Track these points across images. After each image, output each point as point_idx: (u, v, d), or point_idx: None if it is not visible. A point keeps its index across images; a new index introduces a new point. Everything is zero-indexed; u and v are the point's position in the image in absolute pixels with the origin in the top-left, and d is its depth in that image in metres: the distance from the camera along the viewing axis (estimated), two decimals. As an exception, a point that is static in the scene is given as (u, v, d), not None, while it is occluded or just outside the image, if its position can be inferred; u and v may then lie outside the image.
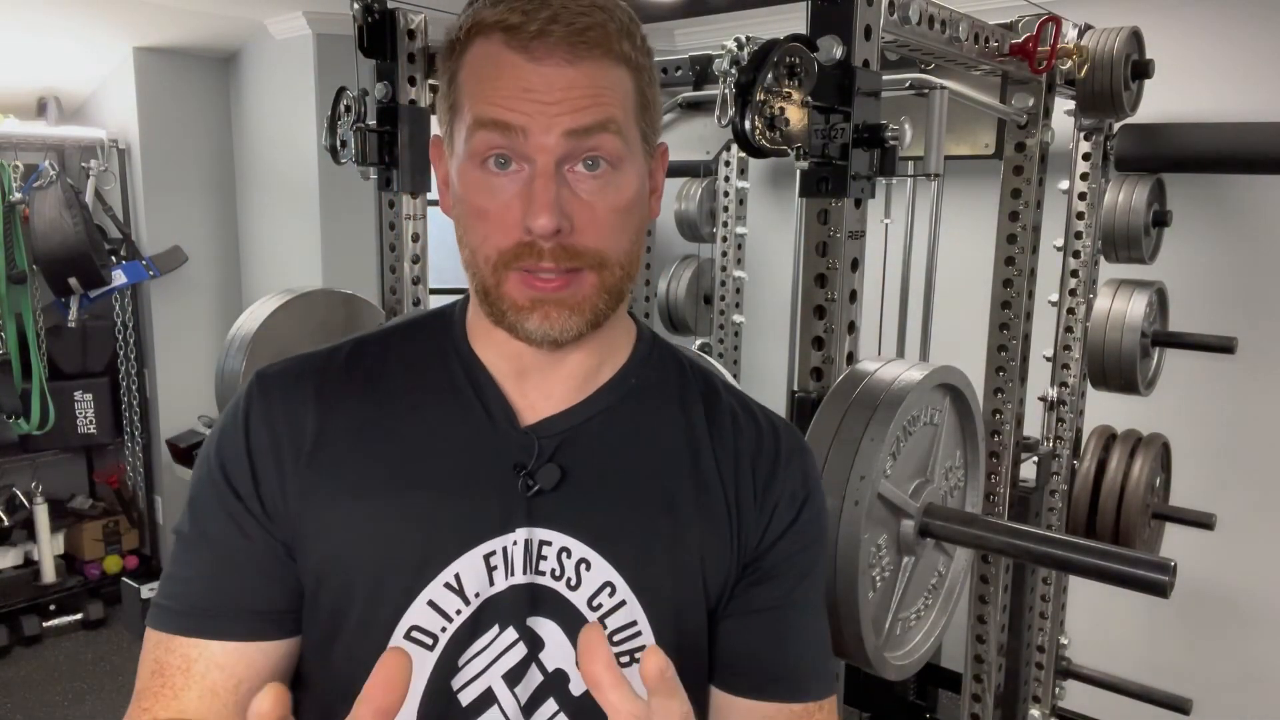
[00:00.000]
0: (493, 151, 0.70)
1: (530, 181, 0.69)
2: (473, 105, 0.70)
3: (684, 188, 3.19)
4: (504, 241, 0.71)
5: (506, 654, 0.73)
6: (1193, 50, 2.58)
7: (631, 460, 0.77)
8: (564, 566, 0.74)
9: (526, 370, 0.78)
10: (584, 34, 0.68)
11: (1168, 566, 1.10)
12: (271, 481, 0.74)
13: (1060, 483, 2.36)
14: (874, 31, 1.27)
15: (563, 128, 0.68)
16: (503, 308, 0.73)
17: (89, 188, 3.81)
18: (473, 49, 0.71)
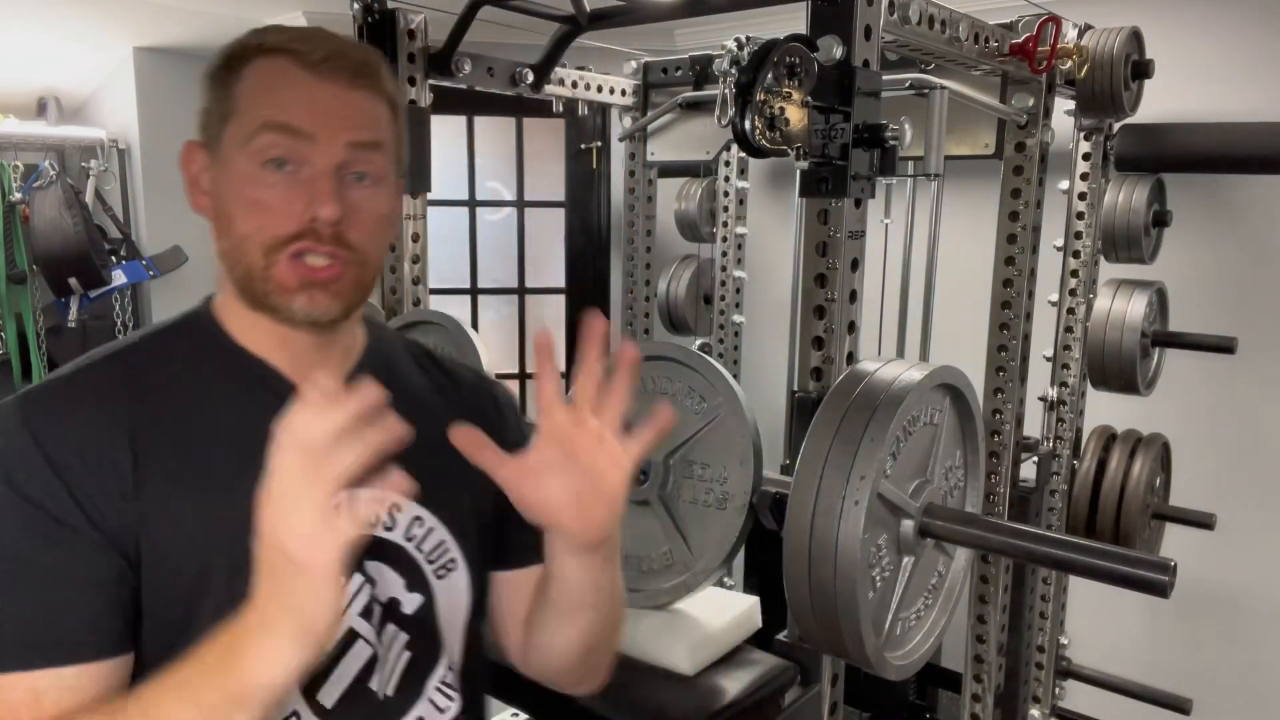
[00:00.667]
0: (275, 152, 0.79)
1: (312, 180, 0.79)
2: (259, 110, 0.80)
3: (684, 188, 3.18)
4: (283, 229, 0.80)
5: (358, 596, 0.83)
6: (1193, 50, 2.58)
7: (403, 416, 0.78)
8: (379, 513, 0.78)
9: (298, 356, 0.86)
10: (363, 67, 0.83)
11: (1168, 566, 1.10)
12: (90, 489, 0.75)
13: (1060, 483, 2.36)
14: (874, 31, 1.27)
15: (346, 139, 0.80)
16: (268, 289, 0.81)
17: (89, 188, 3.81)
18: (256, 66, 0.81)
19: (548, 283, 4.04)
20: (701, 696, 1.38)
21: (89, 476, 0.75)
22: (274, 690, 0.67)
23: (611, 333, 3.90)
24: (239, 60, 0.82)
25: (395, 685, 0.87)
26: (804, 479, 1.18)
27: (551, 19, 2.05)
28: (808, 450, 1.19)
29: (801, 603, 1.20)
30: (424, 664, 0.89)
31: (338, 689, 0.83)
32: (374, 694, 0.85)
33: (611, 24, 2.00)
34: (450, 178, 3.82)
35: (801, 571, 1.18)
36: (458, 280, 3.95)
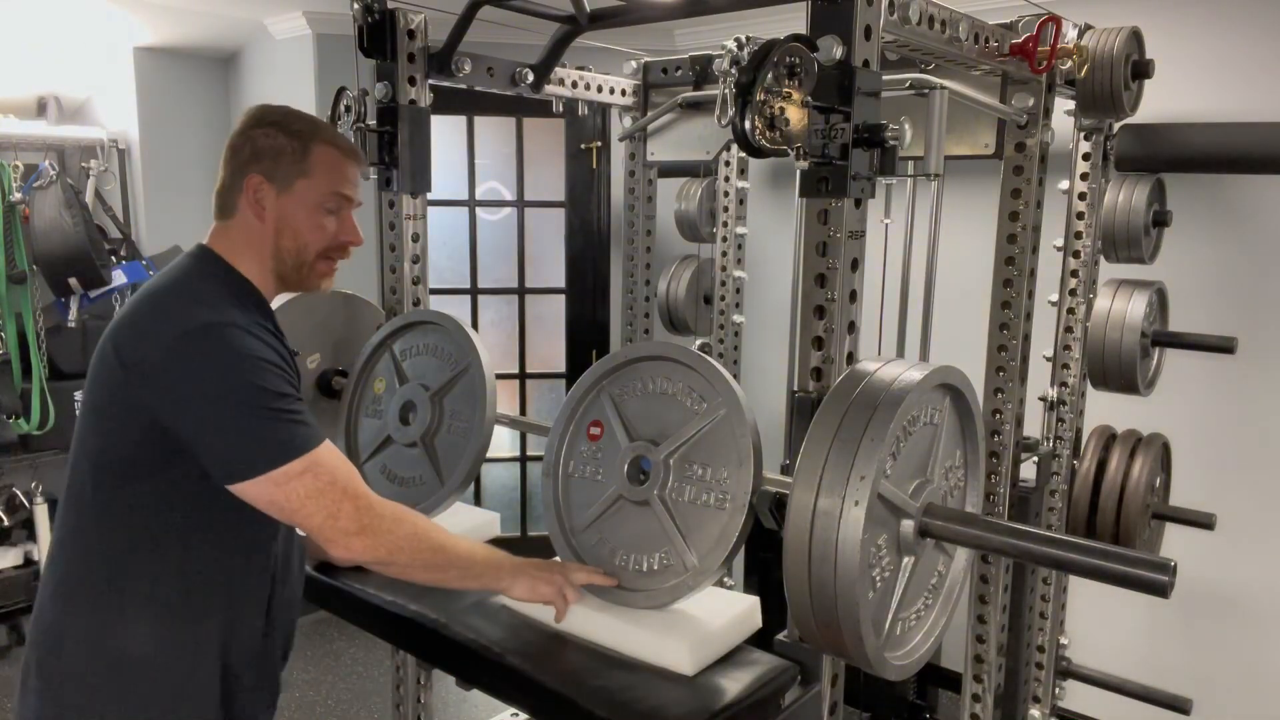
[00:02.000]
0: (334, 206, 1.42)
1: (346, 220, 1.44)
2: (331, 183, 1.40)
3: (684, 188, 3.19)
4: (330, 242, 1.43)
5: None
6: (1193, 50, 2.58)
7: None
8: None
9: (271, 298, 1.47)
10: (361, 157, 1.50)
11: (1168, 566, 1.10)
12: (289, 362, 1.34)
13: (1060, 483, 2.36)
14: (874, 31, 1.27)
15: (358, 200, 1.46)
16: (312, 275, 1.43)
17: (89, 188, 3.81)
18: (325, 150, 1.40)
19: (548, 283, 4.04)
20: (701, 696, 1.38)
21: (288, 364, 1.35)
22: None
23: (611, 332, 3.91)
24: (308, 140, 1.38)
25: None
26: (804, 479, 1.18)
27: (551, 19, 2.05)
28: (808, 450, 1.19)
29: (801, 603, 1.20)
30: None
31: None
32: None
33: (611, 24, 2.00)
34: (450, 178, 3.82)
35: (801, 571, 1.18)
36: (458, 280, 3.95)
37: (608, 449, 1.56)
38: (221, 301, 1.31)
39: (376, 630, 1.70)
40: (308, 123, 1.40)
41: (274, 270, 1.40)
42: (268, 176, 1.37)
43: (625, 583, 1.51)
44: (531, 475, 4.13)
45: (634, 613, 1.48)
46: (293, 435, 1.23)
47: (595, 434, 1.58)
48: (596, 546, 1.54)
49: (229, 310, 1.29)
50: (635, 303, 2.87)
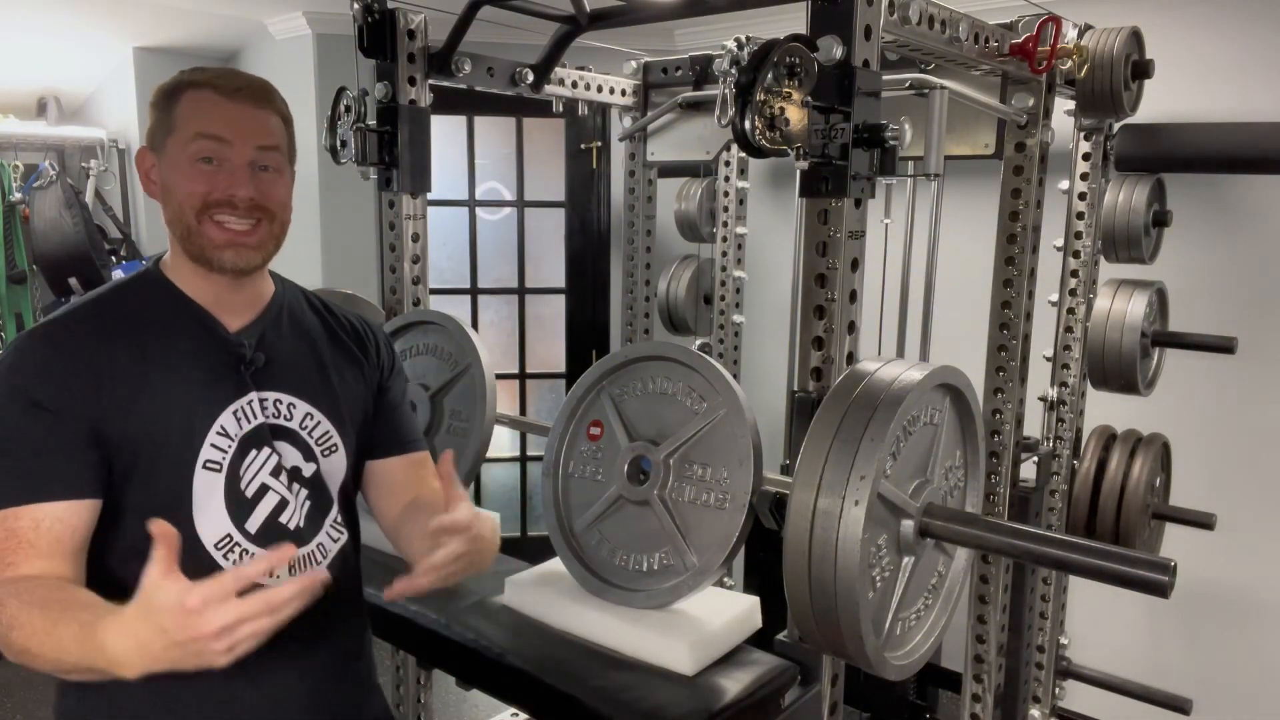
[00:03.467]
0: (205, 153, 1.15)
1: (232, 171, 1.16)
2: (194, 124, 1.16)
3: (684, 188, 3.19)
4: (208, 197, 1.15)
5: (267, 462, 1.21)
6: (1193, 50, 2.58)
7: (302, 346, 1.29)
8: (280, 409, 1.24)
9: (219, 298, 1.22)
10: (264, 94, 1.21)
11: (1168, 566, 1.10)
12: (66, 392, 1.09)
13: (1060, 483, 2.36)
14: (874, 31, 1.27)
15: (254, 143, 1.17)
16: (201, 243, 1.16)
17: (89, 188, 3.81)
18: (190, 95, 1.17)
19: (548, 283, 4.04)
20: (701, 696, 1.38)
21: (70, 384, 1.10)
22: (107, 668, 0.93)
23: (611, 332, 3.91)
24: (175, 91, 1.19)
25: (302, 520, 1.24)
26: (804, 479, 1.18)
27: (551, 19, 2.05)
28: (808, 450, 1.19)
29: (801, 603, 1.20)
30: (320, 509, 1.27)
31: (258, 521, 1.20)
32: (284, 525, 1.22)
33: (611, 24, 2.00)
34: (450, 178, 3.82)
35: (801, 571, 1.18)
36: (458, 280, 3.95)
37: (608, 449, 1.56)
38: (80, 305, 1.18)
39: (376, 630, 1.70)
40: (183, 74, 1.21)
41: (181, 251, 1.20)
42: (151, 147, 1.20)
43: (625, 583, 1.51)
44: (531, 475, 4.13)
45: (634, 613, 1.48)
46: None
47: (595, 434, 1.58)
48: (597, 546, 1.54)
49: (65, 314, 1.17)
50: (635, 303, 2.87)
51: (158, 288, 1.21)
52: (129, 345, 1.15)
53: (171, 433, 1.14)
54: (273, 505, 1.22)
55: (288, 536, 1.22)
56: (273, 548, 0.95)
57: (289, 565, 1.20)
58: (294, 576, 1.11)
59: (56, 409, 1.09)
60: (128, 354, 1.15)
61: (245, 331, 1.23)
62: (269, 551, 0.95)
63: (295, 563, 1.23)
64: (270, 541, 1.17)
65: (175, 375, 1.16)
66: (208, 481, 1.17)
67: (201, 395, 1.17)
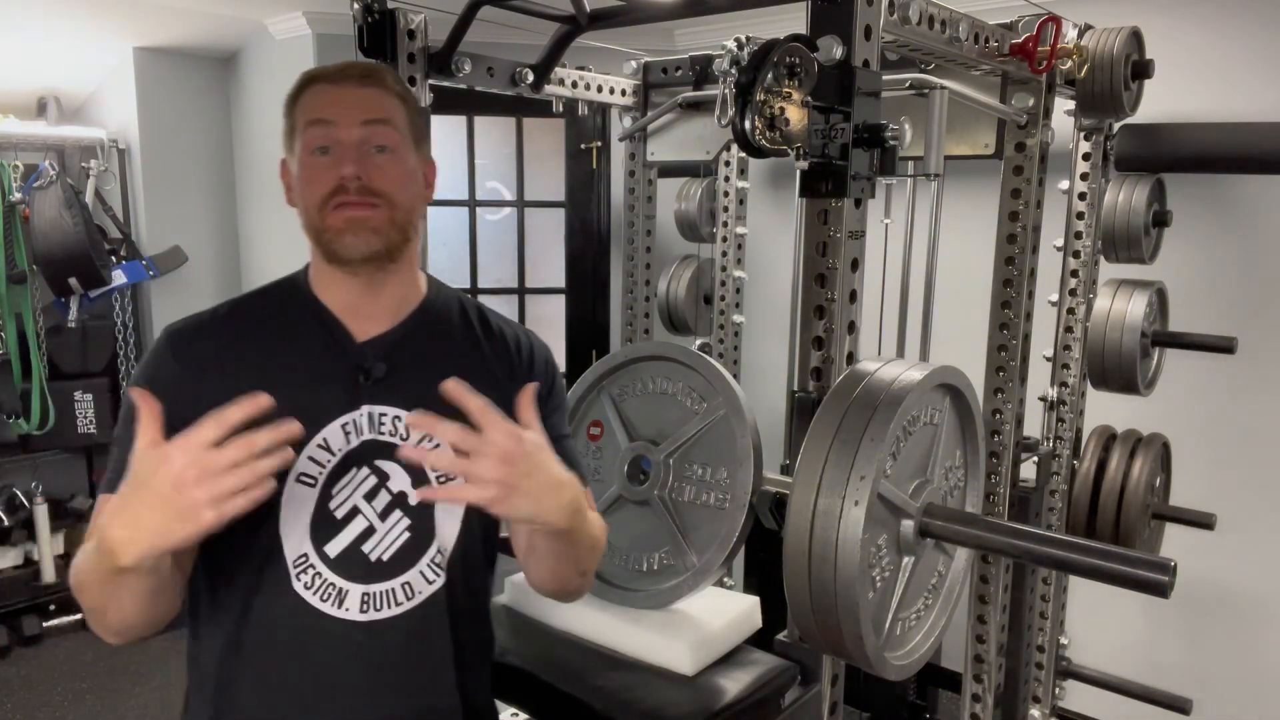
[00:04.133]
0: (317, 142, 1.11)
1: (341, 154, 1.10)
2: (304, 115, 1.13)
3: (684, 188, 3.18)
4: (323, 189, 1.10)
5: (363, 484, 1.13)
6: (1193, 50, 2.58)
7: (437, 356, 1.19)
8: (397, 427, 1.14)
9: (356, 305, 1.17)
10: (369, 72, 1.16)
11: (1168, 566, 1.10)
12: (188, 391, 1.07)
13: (1060, 483, 2.36)
14: (874, 31, 1.27)
15: (359, 119, 1.11)
16: (327, 237, 1.12)
17: (89, 188, 3.81)
18: (304, 93, 1.15)
19: (548, 283, 4.04)
20: (701, 696, 1.38)
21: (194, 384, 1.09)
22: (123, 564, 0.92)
23: (611, 332, 3.91)
24: (295, 95, 1.16)
25: (390, 553, 1.14)
26: (804, 479, 1.18)
27: (551, 19, 2.05)
28: (808, 450, 1.19)
29: (801, 603, 1.20)
30: (418, 544, 1.16)
31: (339, 546, 1.12)
32: (366, 555, 1.13)
33: (611, 24, 2.00)
34: (450, 178, 3.82)
35: (801, 571, 1.18)
36: (458, 280, 3.94)
37: (608, 449, 1.56)
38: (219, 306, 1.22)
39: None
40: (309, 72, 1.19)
41: (319, 255, 1.18)
42: (285, 155, 1.19)
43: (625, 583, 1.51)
44: (531, 475, 4.12)
45: (634, 613, 1.48)
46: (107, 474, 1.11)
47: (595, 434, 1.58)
48: (596, 546, 1.54)
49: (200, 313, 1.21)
50: (635, 303, 2.87)
51: (294, 293, 1.20)
52: (255, 348, 1.15)
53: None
54: (359, 531, 1.13)
55: (369, 568, 1.13)
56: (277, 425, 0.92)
57: (363, 596, 1.12)
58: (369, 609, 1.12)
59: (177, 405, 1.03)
60: (253, 356, 1.14)
61: (375, 341, 1.17)
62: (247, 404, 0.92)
63: (370, 598, 1.13)
64: (350, 569, 1.12)
65: (289, 382, 1.10)
66: (299, 495, 1.11)
67: (309, 404, 1.10)
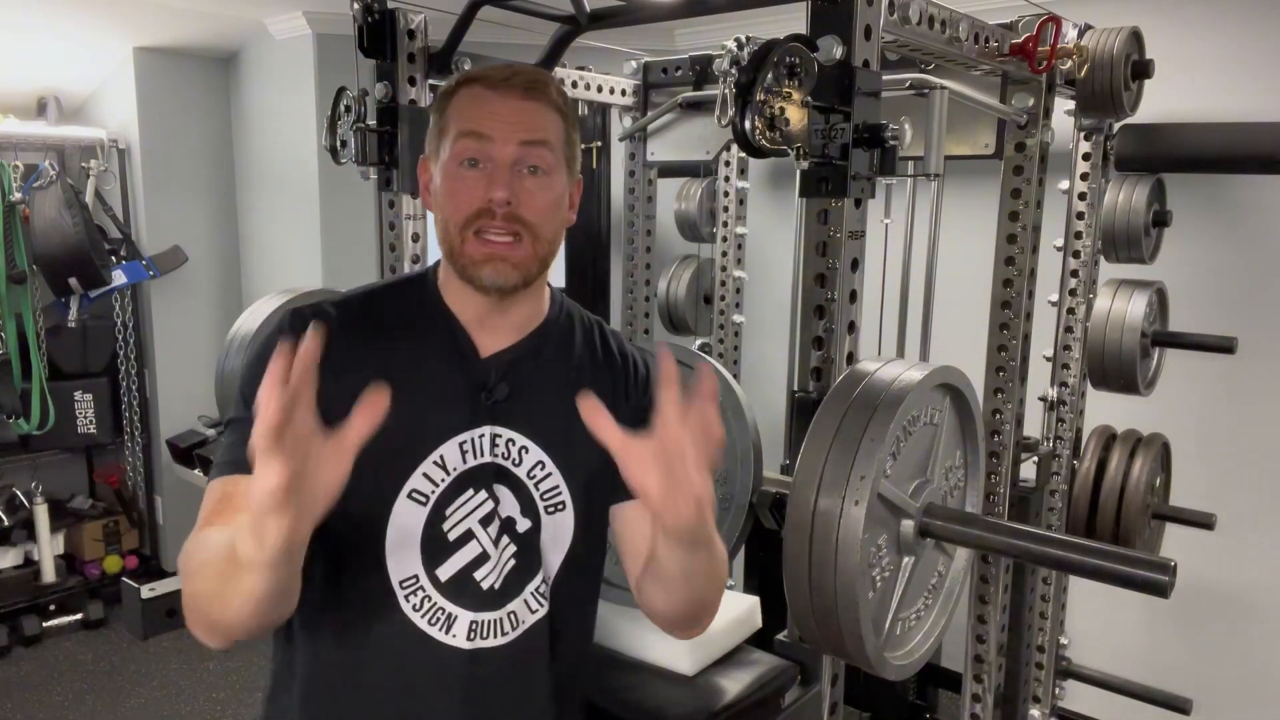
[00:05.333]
0: (469, 154, 1.03)
1: (492, 172, 1.03)
2: (458, 123, 1.05)
3: (684, 188, 3.18)
4: (469, 209, 1.03)
5: (480, 507, 1.08)
6: (1193, 50, 2.58)
7: (555, 379, 1.13)
8: (510, 451, 1.09)
9: (483, 318, 1.10)
10: (534, 84, 1.06)
11: (1168, 566, 1.10)
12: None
13: (1060, 483, 2.36)
14: (874, 31, 1.27)
15: (517, 139, 1.03)
16: (463, 262, 1.05)
17: (89, 188, 3.80)
18: (460, 94, 1.06)
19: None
20: (701, 696, 1.38)
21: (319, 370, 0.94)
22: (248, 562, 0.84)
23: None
24: (450, 92, 1.08)
25: (500, 581, 1.09)
26: (804, 479, 1.18)
27: (551, 19, 2.05)
28: (808, 450, 1.19)
29: (801, 603, 1.20)
30: (524, 572, 1.10)
31: (450, 570, 1.07)
32: (478, 582, 1.08)
33: (611, 24, 2.00)
34: (450, 178, 3.82)
35: (801, 571, 1.18)
36: (458, 280, 3.95)
37: (608, 449, 1.56)
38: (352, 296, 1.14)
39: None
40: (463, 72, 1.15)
41: (447, 263, 1.10)
42: (428, 155, 1.11)
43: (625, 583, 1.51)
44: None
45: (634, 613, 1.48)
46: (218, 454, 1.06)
47: (595, 434, 1.58)
48: (596, 546, 1.54)
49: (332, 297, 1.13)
50: (635, 303, 2.87)
51: (425, 293, 1.13)
52: (380, 348, 1.08)
53: (387, 450, 0.96)
54: (472, 556, 1.08)
55: (480, 595, 1.08)
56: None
57: (470, 624, 1.07)
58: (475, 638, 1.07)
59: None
60: (376, 357, 1.06)
61: (498, 357, 1.11)
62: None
63: (477, 626, 1.08)
64: (460, 595, 1.07)
65: (411, 390, 1.02)
66: (409, 512, 1.05)
67: (429, 417, 1.06)
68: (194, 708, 3.32)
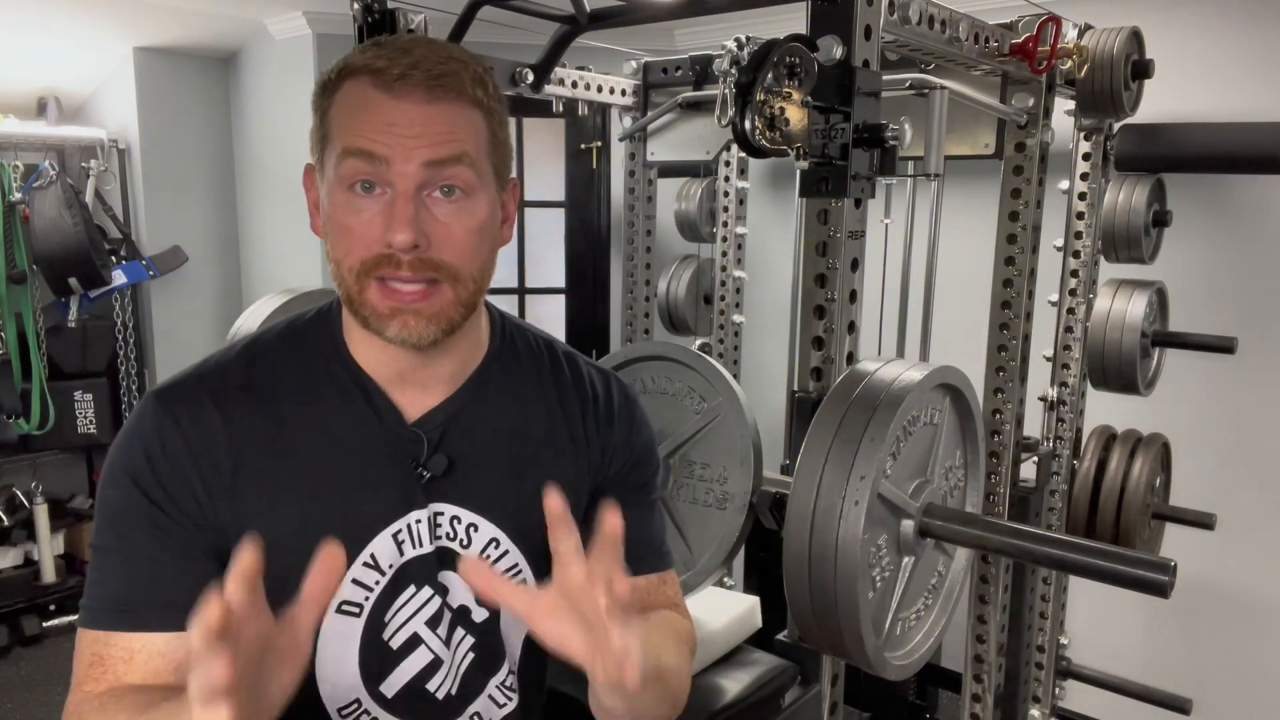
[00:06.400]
0: (359, 178, 0.80)
1: (392, 203, 0.80)
2: (342, 137, 0.81)
3: (684, 188, 3.18)
4: (365, 253, 0.81)
5: (425, 606, 0.91)
6: (1193, 50, 2.58)
7: (501, 437, 0.94)
8: (457, 531, 0.91)
9: (403, 373, 0.90)
10: (441, 79, 0.80)
11: (1168, 566, 1.10)
12: (190, 489, 0.84)
13: (1060, 483, 2.36)
14: (874, 31, 1.27)
15: (422, 159, 0.79)
16: (365, 314, 0.83)
17: (89, 188, 3.80)
18: (343, 89, 0.82)
19: (548, 283, 4.04)
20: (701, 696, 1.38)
21: (196, 478, 0.84)
22: None
23: (611, 332, 3.90)
24: (331, 83, 0.84)
25: (457, 685, 0.94)
26: (804, 479, 1.18)
27: (551, 19, 2.05)
28: (808, 450, 1.19)
29: (801, 603, 1.20)
30: (486, 666, 0.96)
31: (397, 684, 0.91)
32: (431, 693, 0.93)
33: (611, 24, 2.00)
34: (450, 178, 3.82)
35: (801, 571, 1.18)
36: (457, 280, 3.94)
37: (608, 449, 1.56)
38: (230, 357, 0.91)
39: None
40: (349, 55, 0.85)
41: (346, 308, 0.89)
42: (314, 163, 0.88)
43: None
44: (531, 475, 4.12)
45: (634, 613, 1.48)
46: (84, 596, 0.85)
47: (595, 434, 1.58)
48: (596, 546, 1.54)
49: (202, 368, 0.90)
50: (635, 303, 2.87)
51: (325, 347, 0.91)
52: (278, 428, 0.87)
53: (304, 558, 0.72)
54: (422, 665, 0.92)
55: (435, 706, 0.93)
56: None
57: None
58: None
59: (172, 509, 0.83)
60: (275, 440, 0.86)
61: (429, 419, 0.91)
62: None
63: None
64: (412, 712, 0.91)
65: (324, 476, 0.86)
66: (341, 628, 0.88)
67: (354, 510, 0.87)
68: (194, 708, 3.32)
